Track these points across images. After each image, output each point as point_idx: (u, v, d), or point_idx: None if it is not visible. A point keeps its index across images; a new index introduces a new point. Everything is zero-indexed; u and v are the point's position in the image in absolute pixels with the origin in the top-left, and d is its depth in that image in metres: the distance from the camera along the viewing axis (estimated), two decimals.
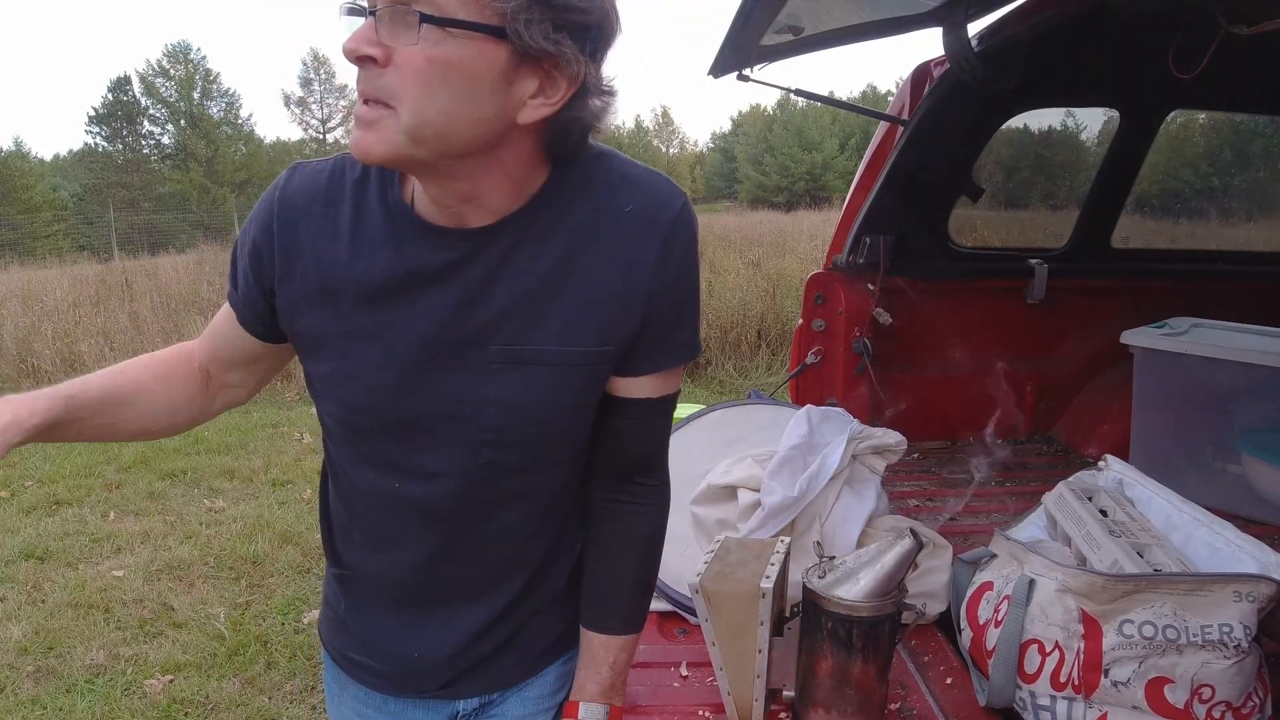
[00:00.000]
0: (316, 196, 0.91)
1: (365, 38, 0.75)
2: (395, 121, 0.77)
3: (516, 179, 0.86)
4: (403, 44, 0.75)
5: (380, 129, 0.78)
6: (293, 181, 0.93)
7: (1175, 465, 2.24)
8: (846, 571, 1.23)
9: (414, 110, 0.76)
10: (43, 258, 18.58)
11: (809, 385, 2.67)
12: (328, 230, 0.90)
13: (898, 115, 2.57)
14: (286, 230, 0.91)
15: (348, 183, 0.91)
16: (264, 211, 0.93)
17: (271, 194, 0.93)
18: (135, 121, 38.95)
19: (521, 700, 1.09)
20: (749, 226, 15.68)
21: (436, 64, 0.75)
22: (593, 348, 0.91)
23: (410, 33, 0.74)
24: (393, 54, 0.75)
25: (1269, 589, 1.21)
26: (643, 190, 0.90)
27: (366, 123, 0.78)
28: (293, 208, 0.91)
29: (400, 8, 0.74)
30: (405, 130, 0.77)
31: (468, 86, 0.77)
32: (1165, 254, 3.21)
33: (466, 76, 0.76)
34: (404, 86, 0.76)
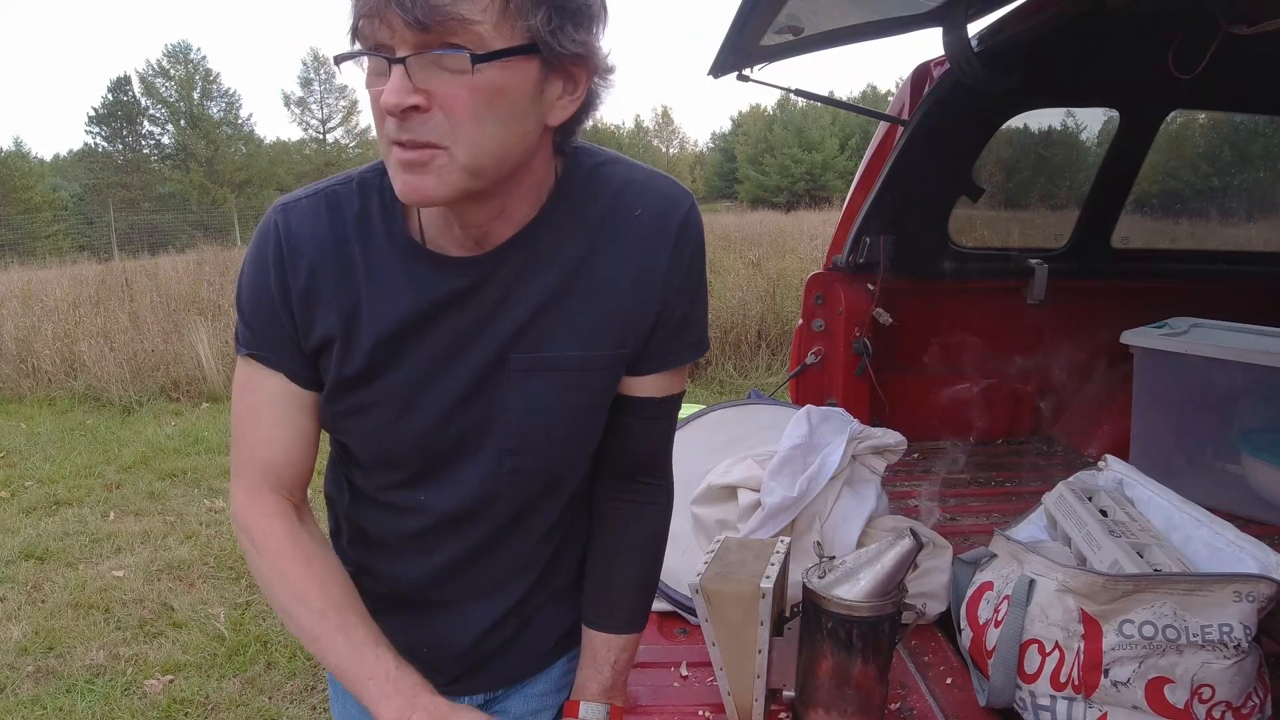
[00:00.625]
0: (324, 241, 0.87)
1: (404, 88, 0.72)
2: (450, 160, 0.75)
3: (539, 184, 0.86)
4: (445, 85, 0.73)
5: (438, 171, 0.76)
6: (291, 225, 0.87)
7: (1175, 465, 2.23)
8: (846, 571, 1.23)
9: (470, 146, 0.75)
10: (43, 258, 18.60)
11: (809, 385, 2.67)
12: (344, 274, 0.87)
13: (898, 115, 2.56)
14: (302, 276, 0.87)
15: (349, 220, 0.87)
16: (272, 262, 0.87)
17: (273, 242, 0.87)
18: (135, 121, 38.97)
19: (525, 697, 1.10)
20: (749, 226, 15.68)
21: (482, 96, 0.74)
22: (609, 351, 0.91)
23: (459, 75, 0.72)
24: (434, 95, 0.73)
25: (1269, 589, 1.21)
26: (650, 193, 0.90)
27: (418, 165, 0.76)
28: (303, 254, 0.87)
29: (444, 51, 0.72)
30: (465, 168, 0.76)
31: (513, 109, 0.76)
32: (1165, 254, 3.21)
33: (511, 100, 0.76)
34: (456, 125, 0.74)
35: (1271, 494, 2.11)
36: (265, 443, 0.92)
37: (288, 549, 0.91)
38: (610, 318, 0.90)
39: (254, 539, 0.92)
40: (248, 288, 0.90)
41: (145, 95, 39.03)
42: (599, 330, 0.90)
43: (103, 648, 3.06)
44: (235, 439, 0.94)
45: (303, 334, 0.89)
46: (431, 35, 0.71)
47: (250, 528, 0.92)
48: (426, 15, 0.70)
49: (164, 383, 6.84)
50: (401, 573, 1.00)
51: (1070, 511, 1.57)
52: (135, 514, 4.37)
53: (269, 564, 0.91)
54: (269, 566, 0.91)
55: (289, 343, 0.89)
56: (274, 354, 0.90)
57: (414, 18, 0.70)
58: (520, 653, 1.07)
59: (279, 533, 0.92)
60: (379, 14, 0.71)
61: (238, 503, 0.94)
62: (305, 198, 0.89)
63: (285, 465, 0.93)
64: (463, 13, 0.70)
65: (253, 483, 0.93)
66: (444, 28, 0.71)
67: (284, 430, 0.92)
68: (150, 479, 4.88)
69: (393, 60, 0.72)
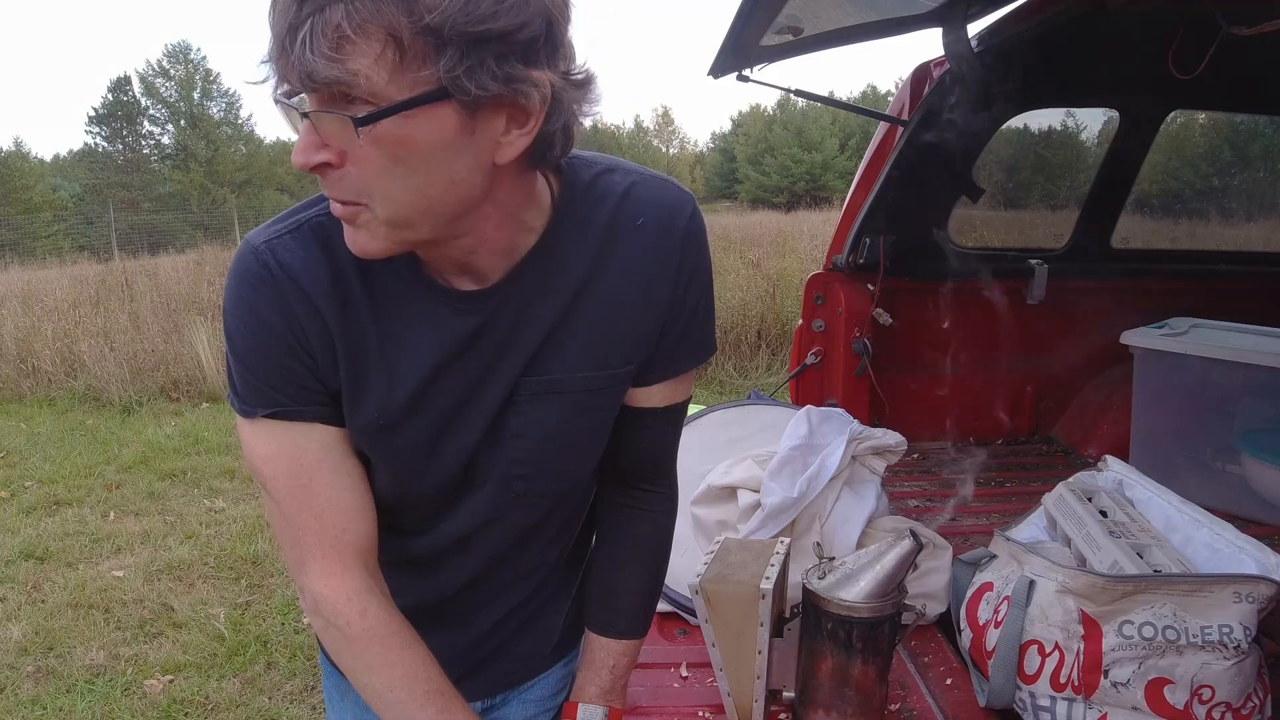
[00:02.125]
0: (321, 278, 0.79)
1: (312, 144, 0.68)
2: (374, 216, 0.71)
3: (516, 213, 0.80)
4: (350, 142, 0.67)
5: (366, 227, 0.72)
6: (284, 260, 0.78)
7: (1175, 465, 2.24)
8: (846, 572, 1.23)
9: (386, 201, 0.70)
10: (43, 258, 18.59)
11: (809, 385, 2.67)
12: (345, 311, 0.80)
13: (898, 115, 2.56)
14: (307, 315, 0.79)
15: (344, 252, 0.78)
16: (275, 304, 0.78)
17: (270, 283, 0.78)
18: (135, 121, 38.96)
19: (523, 702, 1.10)
20: (749, 226, 15.67)
21: (388, 150, 0.67)
22: (618, 368, 0.90)
23: (349, 133, 0.66)
24: (345, 151, 0.68)
25: (1269, 590, 1.21)
26: (652, 201, 0.87)
27: (349, 220, 0.72)
28: (303, 290, 0.78)
29: (331, 112, 0.65)
30: (388, 222, 0.71)
31: (428, 159, 0.69)
32: (1165, 254, 3.21)
33: (423, 150, 0.68)
34: (367, 181, 0.69)
35: (1271, 494, 2.11)
36: (331, 509, 0.83)
37: (393, 632, 0.85)
38: (618, 334, 0.88)
39: (349, 623, 0.83)
40: (247, 338, 0.79)
41: (145, 95, 39.06)
42: (607, 348, 0.88)
43: (103, 648, 3.06)
44: (287, 518, 0.83)
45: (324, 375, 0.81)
46: (324, 94, 0.65)
47: (343, 612, 0.83)
48: (311, 74, 0.63)
49: (164, 383, 6.84)
50: (406, 588, 0.98)
51: (1070, 512, 1.57)
52: (135, 514, 4.37)
53: (373, 651, 0.84)
54: (374, 654, 0.84)
55: (313, 386, 0.81)
56: (302, 404, 0.81)
57: (299, 77, 0.64)
58: (518, 657, 1.07)
59: (376, 613, 0.84)
60: (279, 69, 0.65)
61: (319, 588, 0.83)
62: (287, 233, 0.80)
63: (359, 526, 0.85)
64: (346, 73, 0.63)
65: (331, 560, 0.83)
66: (331, 87, 0.64)
67: (346, 486, 0.84)
68: (150, 479, 4.88)
69: (301, 115, 0.67)
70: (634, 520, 1.04)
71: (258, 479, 0.83)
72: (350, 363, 0.81)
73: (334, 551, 0.83)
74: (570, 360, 0.87)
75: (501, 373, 0.85)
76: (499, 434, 0.88)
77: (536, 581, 1.03)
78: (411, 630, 0.88)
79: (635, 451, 1.00)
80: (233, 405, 0.83)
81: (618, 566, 1.05)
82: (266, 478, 0.82)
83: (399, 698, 0.84)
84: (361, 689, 0.87)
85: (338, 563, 0.84)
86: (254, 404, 0.80)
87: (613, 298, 0.86)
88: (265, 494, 0.84)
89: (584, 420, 0.91)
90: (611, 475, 1.03)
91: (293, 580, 0.88)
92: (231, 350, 0.80)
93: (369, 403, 0.82)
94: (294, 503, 0.82)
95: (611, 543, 1.05)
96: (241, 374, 0.80)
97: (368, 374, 0.81)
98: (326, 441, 0.82)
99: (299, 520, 0.83)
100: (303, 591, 0.86)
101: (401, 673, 0.85)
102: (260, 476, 0.83)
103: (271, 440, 0.82)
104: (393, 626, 0.86)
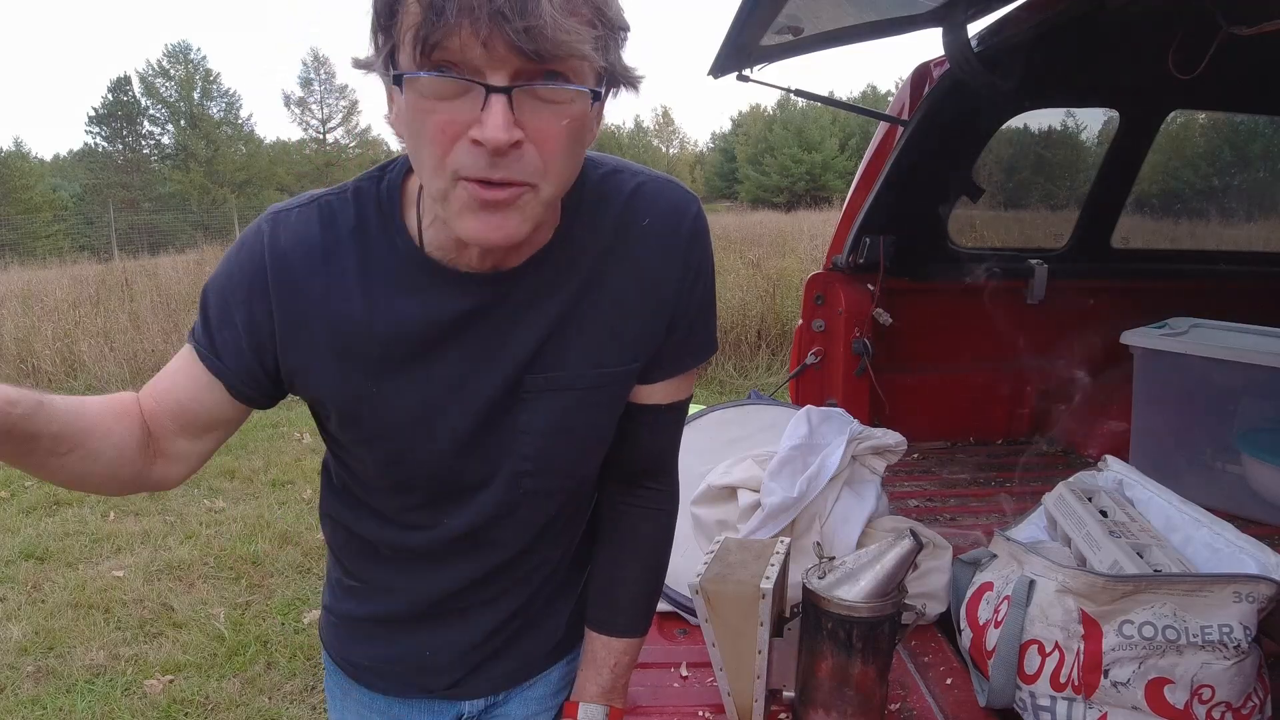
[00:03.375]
0: (313, 251, 0.82)
1: (509, 122, 0.67)
2: (535, 198, 0.72)
3: (557, 208, 0.84)
4: (542, 119, 0.68)
5: (522, 209, 0.72)
6: (279, 238, 0.82)
7: (1175, 465, 2.23)
8: (846, 572, 1.23)
9: (556, 180, 0.73)
10: (43, 258, 18.58)
11: (809, 385, 2.67)
12: (335, 287, 0.82)
13: (898, 115, 2.56)
14: (286, 294, 0.82)
15: (343, 233, 0.82)
16: (253, 275, 0.82)
17: (257, 253, 0.82)
18: (135, 121, 38.97)
19: (524, 700, 1.10)
20: (749, 226, 15.68)
21: (575, 130, 0.71)
22: (624, 366, 0.90)
23: (559, 107, 0.68)
24: (528, 129, 0.68)
25: (1269, 589, 1.21)
26: (657, 202, 0.89)
27: (504, 206, 0.71)
28: (289, 268, 0.81)
29: (562, 85, 0.68)
30: (546, 202, 0.74)
31: (586, 140, 0.75)
32: (1165, 254, 3.21)
33: (590, 131, 0.75)
34: (549, 161, 0.71)
35: (1271, 494, 2.10)
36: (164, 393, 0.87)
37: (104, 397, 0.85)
38: (623, 333, 0.89)
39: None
40: (218, 294, 0.84)
41: (145, 95, 39.07)
42: (612, 347, 0.89)
43: (103, 648, 3.06)
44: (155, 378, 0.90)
45: (286, 351, 0.84)
46: (539, 66, 0.66)
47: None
48: (548, 49, 0.64)
49: None
50: (412, 586, 0.99)
51: (1070, 512, 1.57)
52: (135, 514, 4.37)
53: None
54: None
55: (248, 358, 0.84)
56: (216, 359, 0.84)
57: (533, 49, 0.64)
58: (521, 655, 1.07)
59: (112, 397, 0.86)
60: (479, 35, 0.63)
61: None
62: (297, 207, 0.84)
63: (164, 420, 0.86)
64: (582, 50, 0.66)
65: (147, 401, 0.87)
66: (557, 61, 0.66)
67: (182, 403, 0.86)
68: None
69: (493, 89, 0.66)
70: (635, 518, 1.04)
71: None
72: (338, 339, 0.83)
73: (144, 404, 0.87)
74: (576, 357, 0.87)
75: (500, 361, 0.85)
76: (504, 431, 0.88)
77: (540, 581, 1.03)
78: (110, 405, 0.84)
79: (637, 449, 1.00)
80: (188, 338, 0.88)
81: (619, 565, 1.05)
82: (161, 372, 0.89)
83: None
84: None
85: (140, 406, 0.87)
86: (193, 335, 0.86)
87: (619, 296, 0.87)
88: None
89: (589, 417, 0.91)
90: (613, 473, 1.03)
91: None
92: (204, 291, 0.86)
93: (356, 361, 0.84)
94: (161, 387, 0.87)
95: (613, 541, 1.06)
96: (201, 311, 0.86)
97: (354, 338, 0.83)
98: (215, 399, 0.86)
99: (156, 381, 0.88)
100: None
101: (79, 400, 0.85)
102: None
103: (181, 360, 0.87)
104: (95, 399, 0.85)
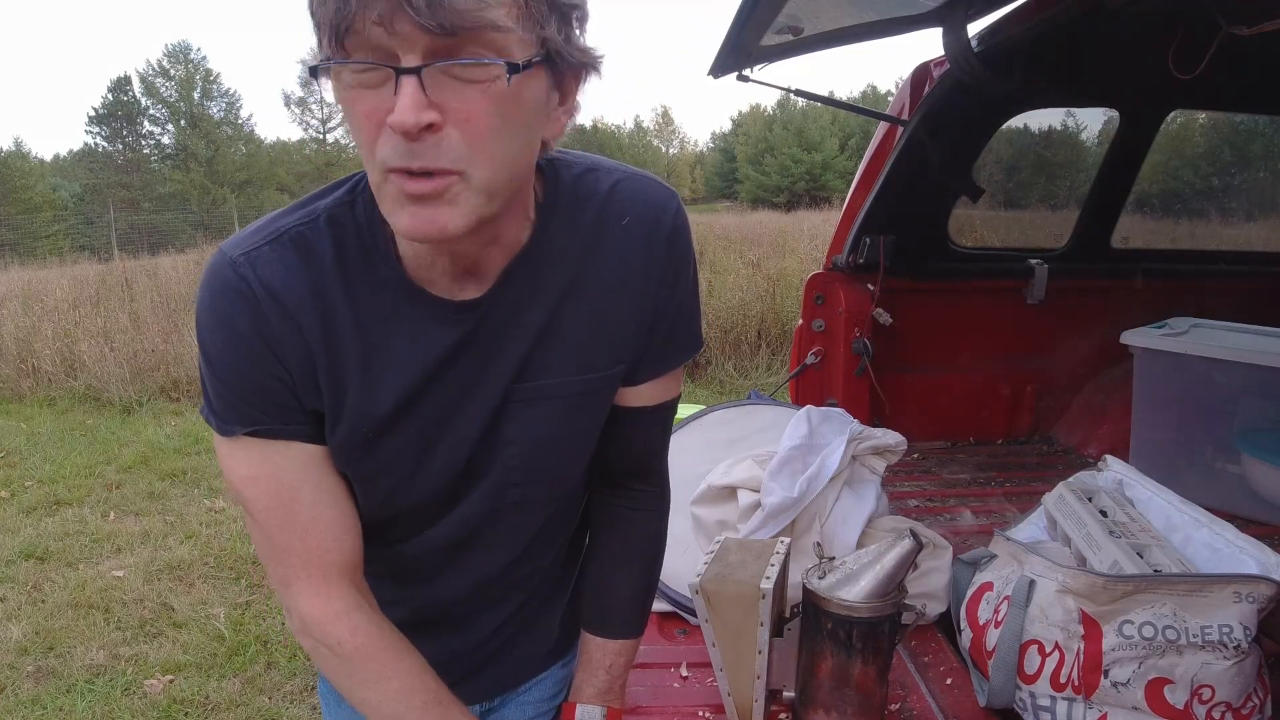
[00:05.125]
0: (300, 290, 0.75)
1: (419, 104, 0.62)
2: (466, 186, 0.67)
3: (526, 202, 0.80)
4: (462, 99, 0.64)
5: (454, 200, 0.67)
6: (263, 276, 0.74)
7: (1175, 465, 2.24)
8: (847, 572, 1.23)
9: (488, 166, 0.67)
10: (43, 258, 18.59)
11: (809, 385, 2.67)
12: (326, 324, 0.77)
13: (898, 115, 2.56)
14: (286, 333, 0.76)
15: (325, 264, 0.76)
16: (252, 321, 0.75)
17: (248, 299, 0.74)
18: (135, 121, 38.99)
19: (521, 704, 1.09)
20: (749, 226, 15.67)
21: (503, 109, 0.65)
22: (608, 369, 0.88)
23: (479, 86, 0.64)
24: (447, 111, 0.64)
25: (1269, 589, 1.21)
26: (638, 199, 0.86)
27: (433, 199, 0.66)
28: (282, 306, 0.75)
29: (474, 61, 0.63)
30: (482, 190, 0.68)
31: (526, 122, 0.69)
32: (1165, 254, 3.21)
33: (526, 112, 0.69)
34: (475, 144, 0.66)
35: (1271, 494, 2.11)
36: (314, 527, 0.81)
37: (385, 646, 0.83)
38: (607, 337, 0.87)
39: (339, 642, 0.81)
40: (224, 354, 0.76)
41: (145, 95, 39.08)
42: (596, 351, 0.87)
43: (103, 648, 3.06)
44: (269, 538, 0.81)
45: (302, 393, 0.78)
46: (451, 42, 0.62)
47: (331, 631, 0.81)
48: (452, 21, 0.60)
49: (164, 383, 6.84)
50: (402, 597, 0.97)
51: (1070, 512, 1.57)
52: (135, 514, 4.37)
53: (367, 668, 0.82)
54: (368, 670, 0.82)
55: (291, 404, 0.78)
56: (281, 422, 0.78)
57: (437, 23, 0.60)
58: (516, 660, 1.07)
59: (366, 629, 0.82)
60: (382, 17, 0.61)
61: (305, 608, 0.82)
62: (266, 244, 0.75)
63: (343, 543, 0.82)
64: (493, 18, 0.62)
65: (316, 579, 0.81)
66: (468, 35, 0.62)
67: (329, 504, 0.81)
68: (150, 479, 4.88)
69: (402, 71, 0.62)
70: (627, 520, 1.04)
71: (237, 498, 0.81)
72: (331, 377, 0.78)
73: (319, 570, 0.81)
74: (560, 364, 0.85)
75: (491, 380, 0.83)
76: (492, 443, 0.86)
77: (532, 587, 1.03)
78: (403, 640, 0.86)
79: (626, 451, 0.99)
80: (208, 422, 0.80)
81: (612, 566, 1.04)
82: (247, 498, 0.80)
83: (397, 711, 0.83)
84: (359, 704, 0.85)
85: (323, 582, 0.82)
86: (232, 422, 0.77)
87: (600, 298, 0.85)
88: (246, 513, 0.82)
89: (576, 424, 0.90)
90: (603, 476, 1.02)
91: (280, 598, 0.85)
92: (207, 365, 0.77)
93: (352, 415, 0.79)
94: (276, 522, 0.80)
95: (605, 543, 1.05)
96: (218, 390, 0.77)
97: (349, 386, 0.79)
98: (307, 459, 0.80)
99: (282, 540, 0.81)
100: (289, 611, 0.84)
101: (398, 686, 0.83)
102: (240, 496, 0.81)
103: (251, 459, 0.79)
104: (385, 640, 0.84)
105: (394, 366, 0.79)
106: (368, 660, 0.83)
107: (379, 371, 0.79)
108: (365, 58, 0.63)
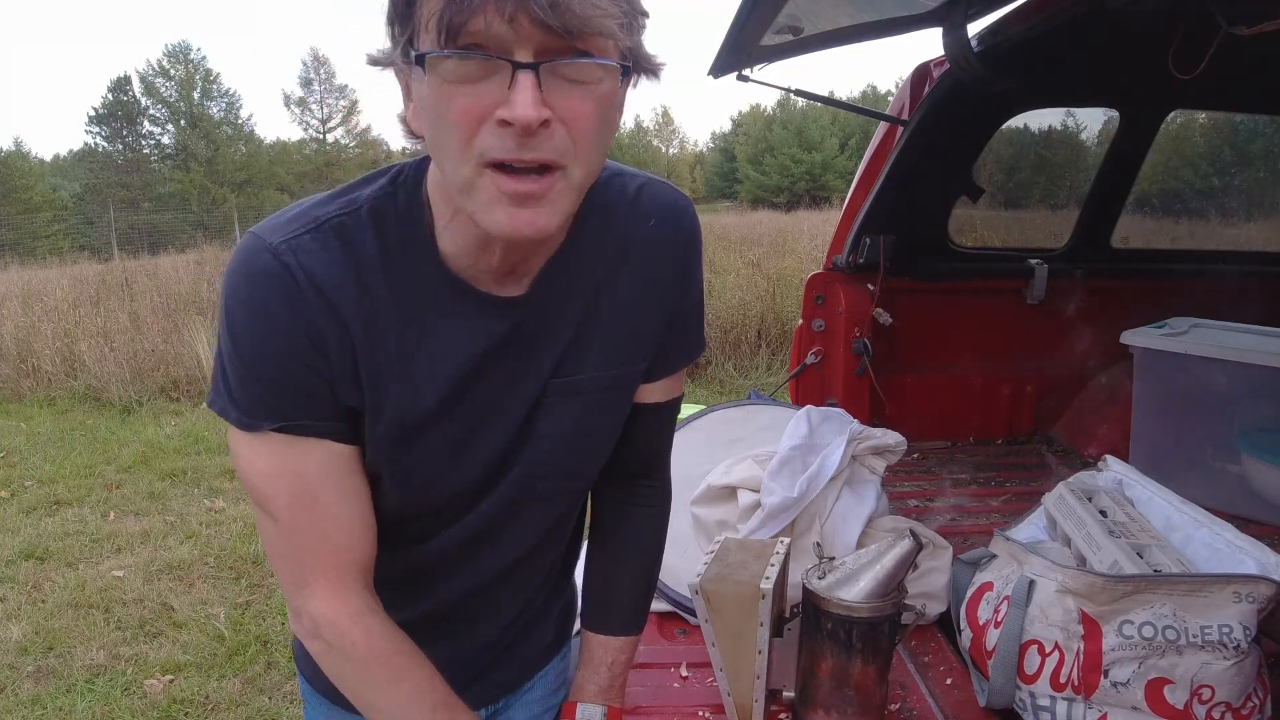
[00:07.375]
0: (343, 281, 0.74)
1: (538, 99, 0.64)
2: (566, 184, 0.69)
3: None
4: (570, 97, 0.66)
5: (554, 199, 0.69)
6: (304, 264, 0.72)
7: (1175, 465, 2.23)
8: (846, 572, 1.23)
9: (585, 161, 0.69)
10: (43, 258, 18.60)
11: (809, 385, 2.67)
12: (370, 317, 0.75)
13: (898, 115, 2.56)
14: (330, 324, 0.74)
15: (367, 256, 0.75)
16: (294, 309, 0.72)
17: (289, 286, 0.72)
18: (135, 121, 38.97)
19: (524, 704, 1.10)
20: (749, 226, 15.68)
21: (604, 109, 0.68)
22: (633, 366, 0.92)
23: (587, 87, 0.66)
24: (556, 108, 0.66)
25: (1269, 589, 1.21)
26: (661, 203, 0.90)
27: (535, 199, 0.67)
28: (326, 296, 0.73)
29: (591, 60, 0.65)
30: (578, 188, 0.70)
31: (614, 123, 0.73)
32: (1165, 254, 3.21)
33: (617, 114, 0.72)
34: (580, 141, 0.68)
35: (1271, 494, 2.10)
36: (335, 528, 0.79)
37: (396, 650, 0.83)
38: (632, 333, 0.90)
39: (354, 644, 0.81)
40: (257, 345, 0.72)
41: (145, 95, 39.07)
42: (623, 347, 0.90)
43: (103, 648, 3.06)
44: (286, 540, 0.79)
45: (339, 385, 0.76)
46: (563, 43, 0.64)
47: (346, 634, 0.81)
48: (574, 24, 0.62)
49: (164, 383, 6.84)
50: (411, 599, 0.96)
51: (1070, 512, 1.57)
52: (135, 514, 4.37)
53: (379, 671, 0.82)
54: (380, 674, 0.82)
55: (326, 400, 0.76)
56: (313, 419, 0.75)
57: (561, 24, 0.62)
58: (519, 660, 1.07)
59: (380, 632, 0.82)
60: (504, 12, 0.61)
61: (320, 610, 0.80)
62: (306, 232, 0.74)
63: (361, 545, 0.82)
64: (609, 25, 0.64)
65: (333, 581, 0.80)
66: (579, 38, 0.64)
67: (350, 504, 0.80)
68: (150, 479, 4.88)
69: (521, 66, 0.63)
70: (630, 517, 1.05)
71: (254, 495, 0.78)
72: (373, 370, 0.76)
73: (335, 572, 0.80)
74: (593, 360, 0.88)
75: (532, 375, 0.85)
76: (524, 437, 0.87)
77: (536, 585, 1.03)
78: (413, 645, 0.86)
79: (634, 448, 1.00)
80: (224, 415, 0.76)
81: (615, 564, 1.05)
82: (267, 496, 0.77)
83: (406, 714, 0.84)
84: (365, 708, 0.85)
85: (340, 583, 0.80)
86: (258, 416, 0.74)
87: (629, 297, 0.88)
88: (261, 512, 0.79)
89: (604, 418, 0.92)
90: (609, 473, 1.02)
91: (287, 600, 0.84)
92: (236, 356, 0.73)
93: (395, 409, 0.78)
94: (296, 522, 0.78)
95: (609, 541, 1.06)
96: (246, 383, 0.74)
97: (391, 380, 0.77)
98: (333, 459, 0.78)
99: (300, 540, 0.79)
100: (298, 614, 0.82)
101: (408, 689, 0.84)
102: (258, 494, 0.78)
103: (274, 456, 0.76)
104: (396, 644, 0.84)
105: (440, 360, 0.79)
106: (380, 664, 0.83)
107: (424, 365, 0.78)
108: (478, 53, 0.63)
